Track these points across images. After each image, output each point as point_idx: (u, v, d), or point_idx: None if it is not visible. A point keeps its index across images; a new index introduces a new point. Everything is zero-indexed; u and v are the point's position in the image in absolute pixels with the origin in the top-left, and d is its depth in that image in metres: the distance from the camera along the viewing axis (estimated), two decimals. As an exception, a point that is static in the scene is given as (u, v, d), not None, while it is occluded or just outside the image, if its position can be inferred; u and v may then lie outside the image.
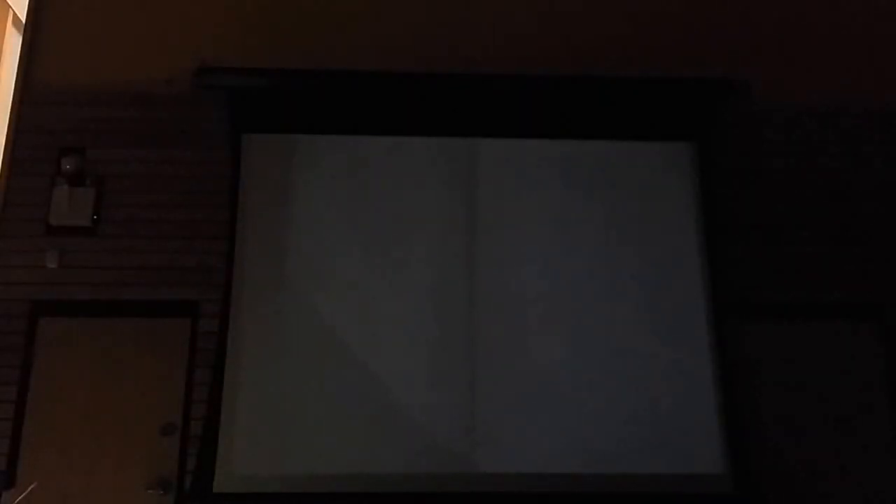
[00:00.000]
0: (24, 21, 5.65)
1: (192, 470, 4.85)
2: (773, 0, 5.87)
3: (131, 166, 5.36)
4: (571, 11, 5.77)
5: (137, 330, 5.11)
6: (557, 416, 5.01)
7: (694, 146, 5.54)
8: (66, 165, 5.26)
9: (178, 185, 5.34)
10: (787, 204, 5.54)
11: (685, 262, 5.32)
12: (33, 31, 5.57)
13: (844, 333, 5.34)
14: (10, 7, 5.97)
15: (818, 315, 5.36)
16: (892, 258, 5.49)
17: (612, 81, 5.55)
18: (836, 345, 5.31)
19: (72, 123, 5.39)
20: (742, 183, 5.54)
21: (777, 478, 5.04)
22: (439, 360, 5.09)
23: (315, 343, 5.07)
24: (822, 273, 5.43)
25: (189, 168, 5.36)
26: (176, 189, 5.33)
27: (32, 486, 4.70)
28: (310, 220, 5.29)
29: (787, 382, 5.21)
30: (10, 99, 5.46)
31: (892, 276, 5.45)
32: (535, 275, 5.25)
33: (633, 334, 5.17)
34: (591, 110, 5.58)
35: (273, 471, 4.87)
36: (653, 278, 5.28)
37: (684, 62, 5.66)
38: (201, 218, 5.28)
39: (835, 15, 5.87)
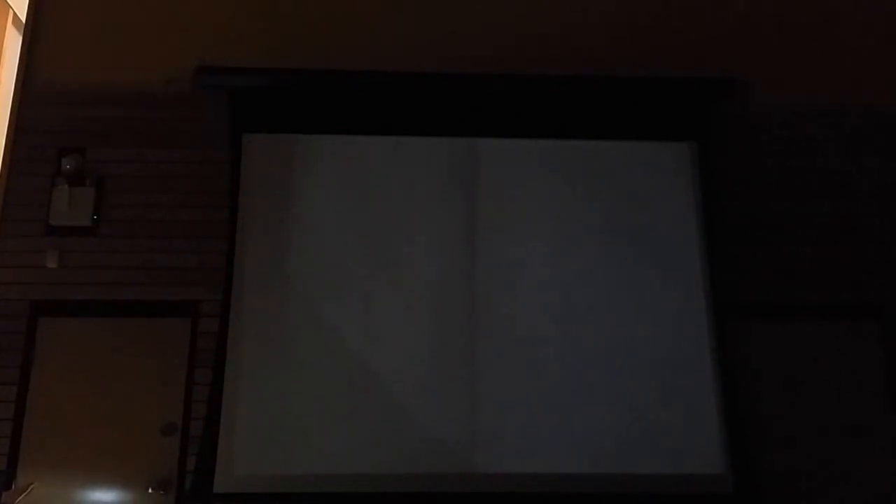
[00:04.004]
0: (24, 21, 5.65)
1: (192, 470, 4.85)
2: (773, 0, 5.87)
3: (131, 166, 5.36)
4: (571, 11, 5.76)
5: (137, 330, 5.11)
6: (557, 416, 5.00)
7: (694, 146, 5.54)
8: (66, 165, 5.26)
9: (178, 185, 5.33)
10: (787, 204, 5.54)
11: (685, 262, 5.32)
12: (33, 31, 5.57)
13: (844, 333, 5.34)
14: (10, 7, 5.96)
15: (818, 315, 5.36)
16: (892, 258, 5.49)
17: (612, 81, 5.54)
18: (836, 345, 5.31)
19: (72, 123, 5.39)
20: (742, 183, 5.54)
21: (777, 478, 5.04)
22: (440, 360, 5.08)
23: (315, 343, 5.07)
24: (822, 273, 5.43)
25: (189, 168, 5.36)
26: (176, 189, 5.33)
27: (32, 486, 4.70)
28: (310, 219, 5.29)
29: (787, 382, 5.21)
30: (10, 99, 5.45)
31: (892, 276, 5.45)
32: (535, 274, 5.25)
33: (632, 334, 5.16)
34: (591, 110, 5.58)
35: (273, 471, 4.87)
36: (653, 278, 5.27)
37: (684, 62, 5.66)
38: (201, 218, 5.28)
39: (835, 15, 5.86)
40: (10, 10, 5.98)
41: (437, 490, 4.88)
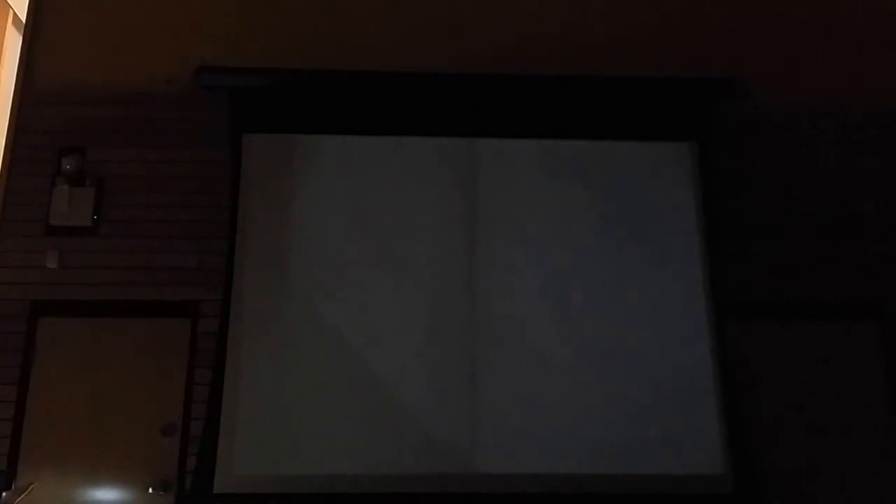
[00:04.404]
0: (24, 21, 5.65)
1: (192, 470, 4.85)
2: (773, 0, 5.87)
3: (131, 166, 5.36)
4: (571, 12, 5.76)
5: (137, 330, 5.11)
6: (558, 416, 5.00)
7: (694, 146, 5.54)
8: (66, 165, 5.26)
9: (178, 185, 5.33)
10: (787, 204, 5.54)
11: (685, 261, 5.32)
12: (33, 31, 5.57)
13: (844, 333, 5.34)
14: (10, 7, 5.96)
15: (818, 315, 5.36)
16: (892, 258, 5.49)
17: (612, 81, 5.55)
18: (836, 345, 5.31)
19: (72, 123, 5.39)
20: (742, 183, 5.54)
21: (777, 478, 5.04)
22: (440, 361, 5.08)
23: (315, 343, 5.07)
24: (822, 273, 5.43)
25: (189, 168, 5.36)
26: (176, 189, 5.33)
27: (32, 486, 4.70)
28: (310, 219, 5.29)
29: (787, 382, 5.21)
30: (10, 99, 5.45)
31: (892, 276, 5.45)
32: (535, 275, 5.25)
33: (632, 334, 5.16)
34: (591, 110, 5.58)
35: (273, 471, 4.87)
36: (653, 278, 5.27)
37: (684, 62, 5.66)
38: (201, 218, 5.28)
39: (835, 15, 5.86)
40: (10, 10, 5.99)
41: (437, 490, 4.88)
